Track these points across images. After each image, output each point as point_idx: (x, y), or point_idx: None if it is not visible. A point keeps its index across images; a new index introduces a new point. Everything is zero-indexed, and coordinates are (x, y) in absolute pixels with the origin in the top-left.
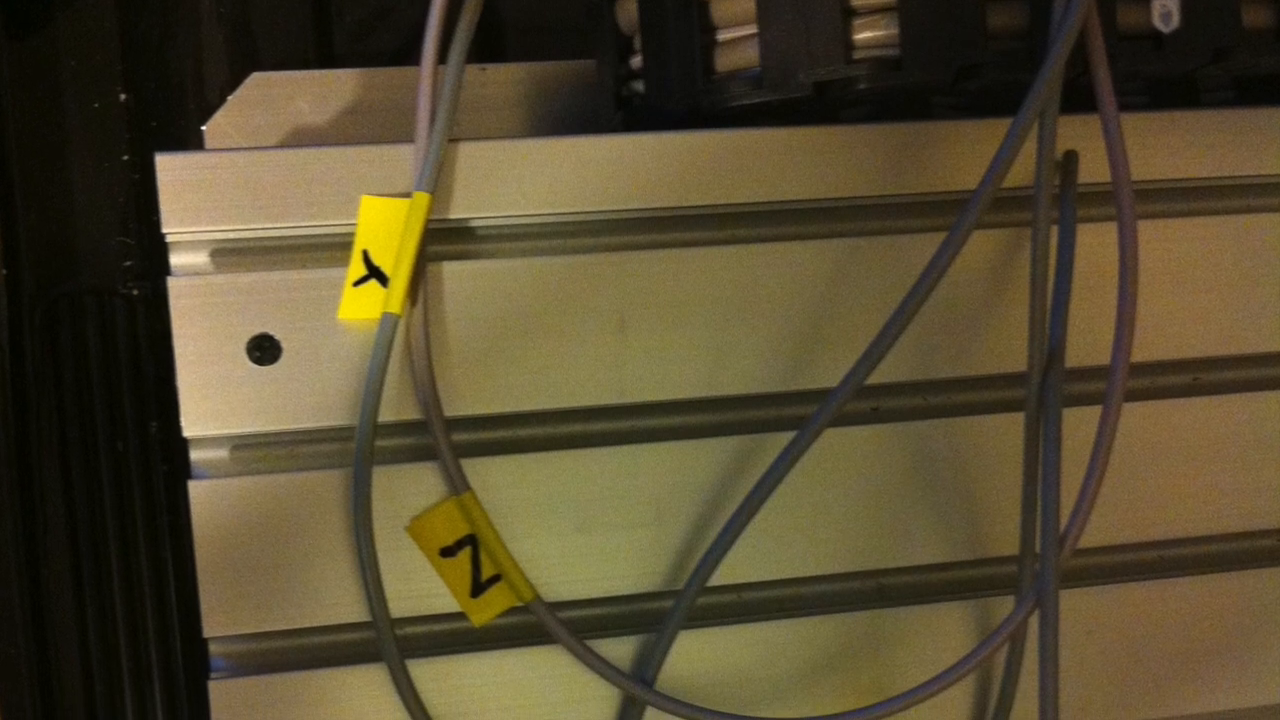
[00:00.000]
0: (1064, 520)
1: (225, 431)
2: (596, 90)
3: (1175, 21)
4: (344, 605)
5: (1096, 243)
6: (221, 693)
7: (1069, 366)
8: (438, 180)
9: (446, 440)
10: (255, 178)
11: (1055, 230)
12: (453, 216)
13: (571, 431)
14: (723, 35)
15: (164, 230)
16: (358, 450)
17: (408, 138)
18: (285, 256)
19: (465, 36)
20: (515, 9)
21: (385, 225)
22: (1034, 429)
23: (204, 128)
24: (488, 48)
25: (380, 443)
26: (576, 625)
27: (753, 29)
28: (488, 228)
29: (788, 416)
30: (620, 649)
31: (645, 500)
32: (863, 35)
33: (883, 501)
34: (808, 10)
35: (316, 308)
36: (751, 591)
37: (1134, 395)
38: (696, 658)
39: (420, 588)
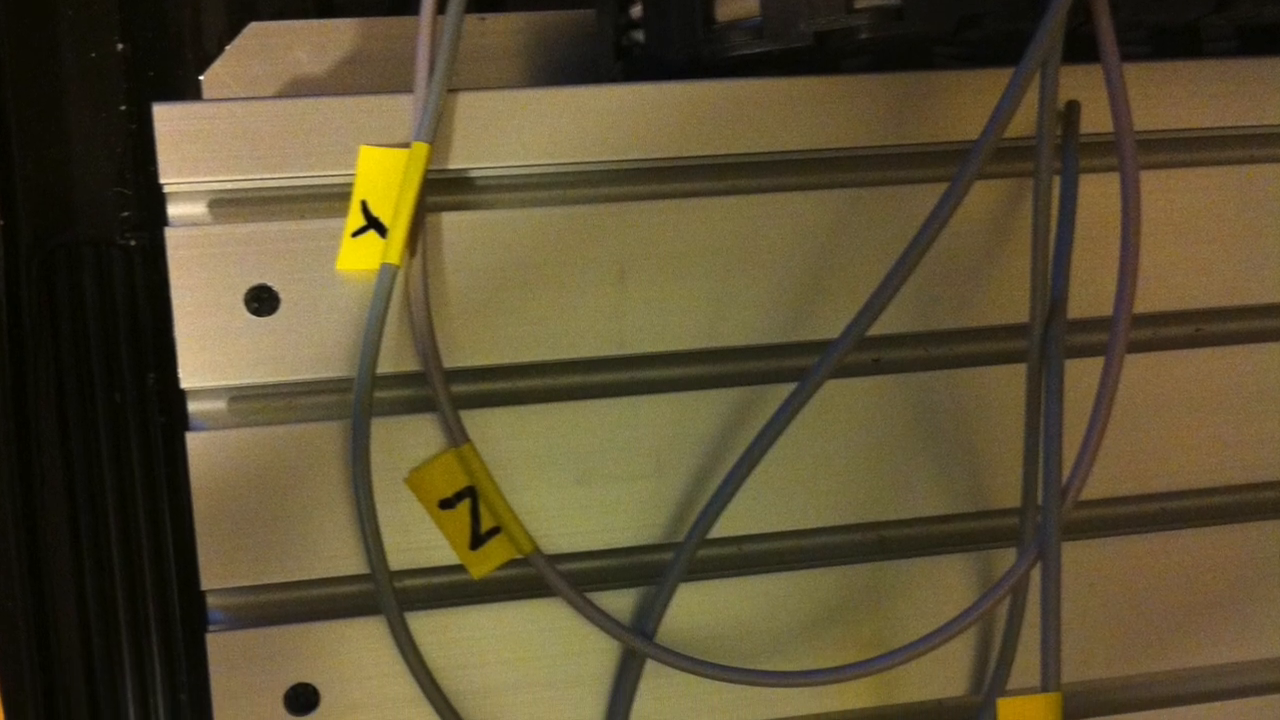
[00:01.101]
0: (1066, 472)
1: (223, 383)
2: (596, 40)
3: None
4: (342, 558)
5: (1099, 193)
6: (219, 645)
7: (1071, 318)
8: (437, 130)
9: (445, 392)
10: (253, 128)
11: (1057, 181)
12: (452, 167)
13: (571, 383)
14: None
15: (161, 181)
16: (356, 402)
17: (407, 88)
18: (283, 207)
19: None
20: None
21: (384, 176)
22: (1036, 380)
23: (202, 78)
24: None
25: (379, 394)
26: (576, 578)
27: None
28: (487, 178)
29: (788, 368)
30: (620, 601)
31: (645, 452)
32: None
33: (884, 453)
34: None
35: (315, 258)
36: (752, 544)
37: (1136, 346)
38: (697, 610)
39: (419, 540)
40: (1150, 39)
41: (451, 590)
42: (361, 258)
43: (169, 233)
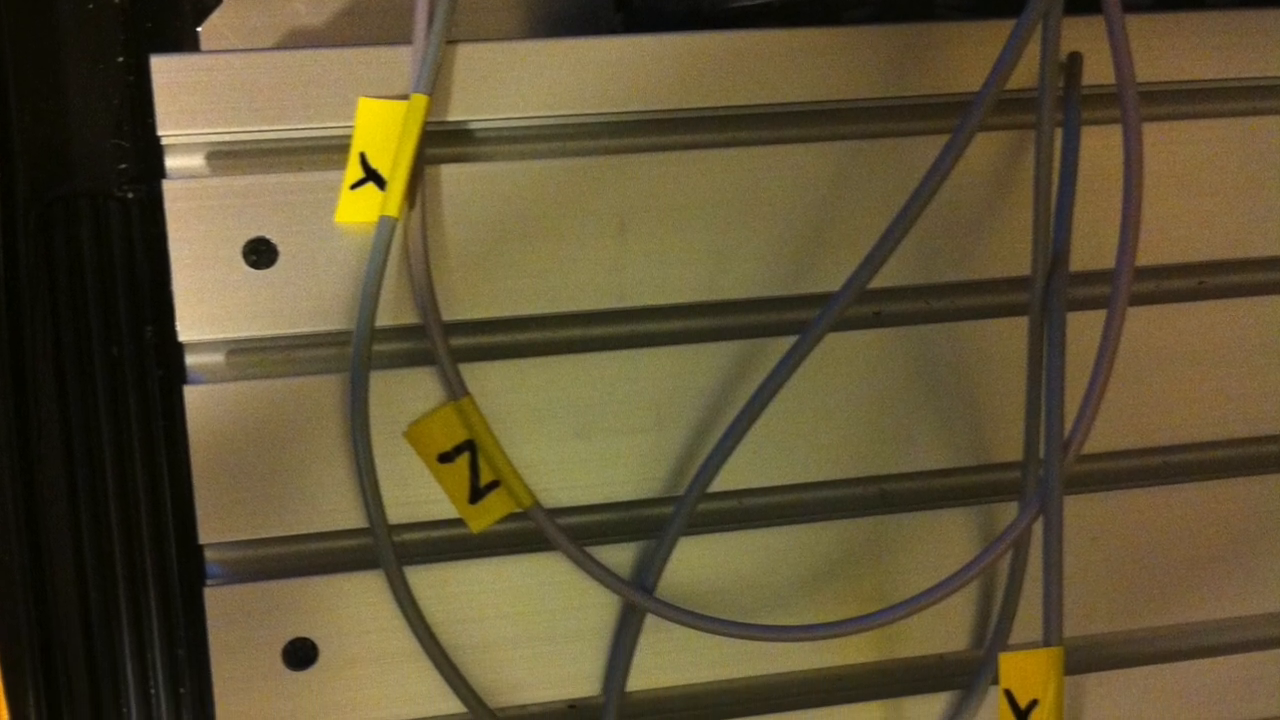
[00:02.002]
0: (1068, 425)
1: (221, 336)
2: None
3: None
4: (341, 511)
5: (1101, 145)
6: (217, 600)
7: (1073, 270)
8: (436, 82)
9: (444, 345)
10: (251, 80)
11: (1059, 133)
12: (451, 119)
13: (571, 336)
14: None
15: (159, 133)
16: (355, 355)
17: (405, 39)
18: (282, 159)
19: None
20: None
21: (383, 127)
22: (1038, 333)
23: (199, 29)
24: None
25: (377, 347)
26: (576, 531)
27: None
28: (486, 130)
29: (789, 321)
30: (620, 556)
31: (645, 405)
32: None
33: (885, 407)
34: None
35: (313, 211)
36: (753, 498)
37: (1139, 299)
38: (697, 565)
39: (418, 494)
40: None
41: (450, 544)
42: (360, 210)
43: (167, 185)
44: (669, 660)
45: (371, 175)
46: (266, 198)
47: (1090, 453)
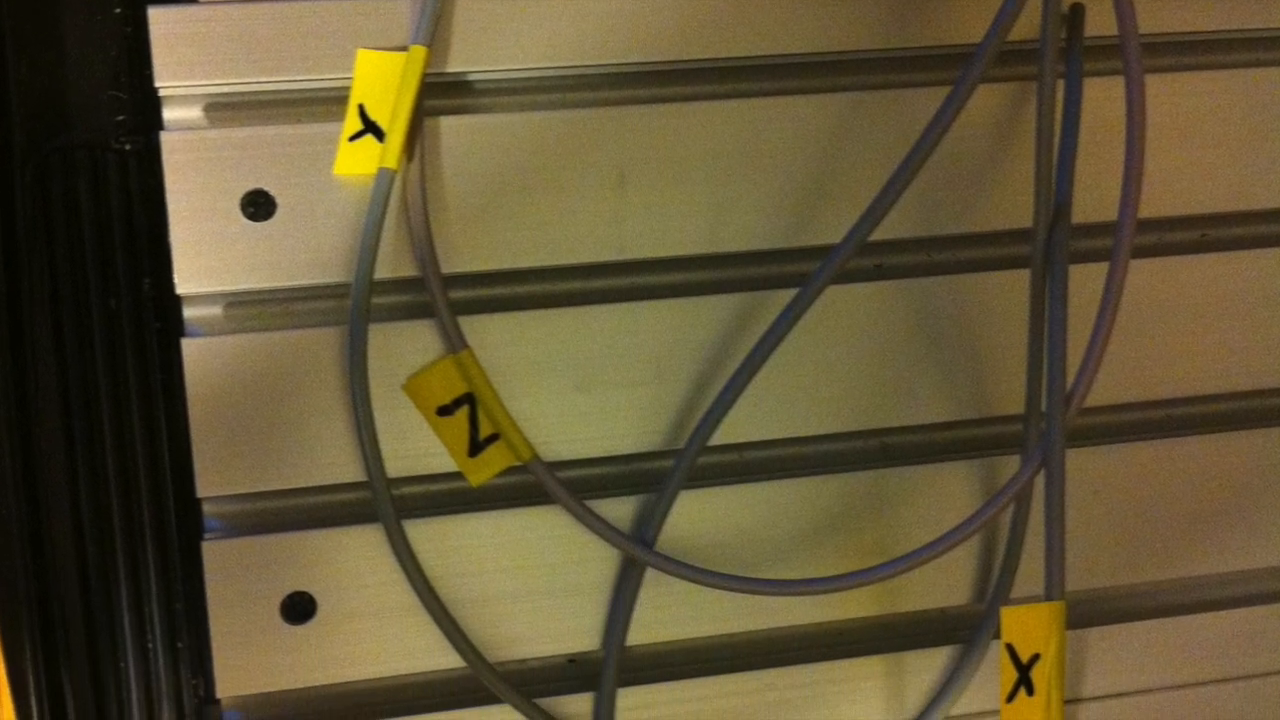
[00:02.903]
0: (1070, 378)
1: (219, 288)
2: None
3: None
4: (339, 465)
5: (1103, 97)
6: (215, 554)
7: (1075, 222)
8: (435, 33)
9: (444, 297)
10: (249, 31)
11: (1061, 85)
12: (450, 70)
13: (570, 288)
14: None
15: (157, 84)
16: (353, 307)
17: None
18: (280, 111)
19: None
20: None
21: (381, 79)
22: (1040, 286)
23: None
24: None
25: (376, 300)
26: (575, 485)
27: None
28: (485, 82)
29: (790, 273)
30: (620, 509)
31: (645, 358)
32: None
33: (886, 359)
34: None
35: (312, 163)
36: (753, 451)
37: (1141, 252)
38: (697, 518)
39: (417, 447)
40: None
41: (449, 498)
42: (359, 162)
43: (164, 137)
44: (669, 614)
45: (370, 127)
46: (265, 150)
47: (1092, 406)
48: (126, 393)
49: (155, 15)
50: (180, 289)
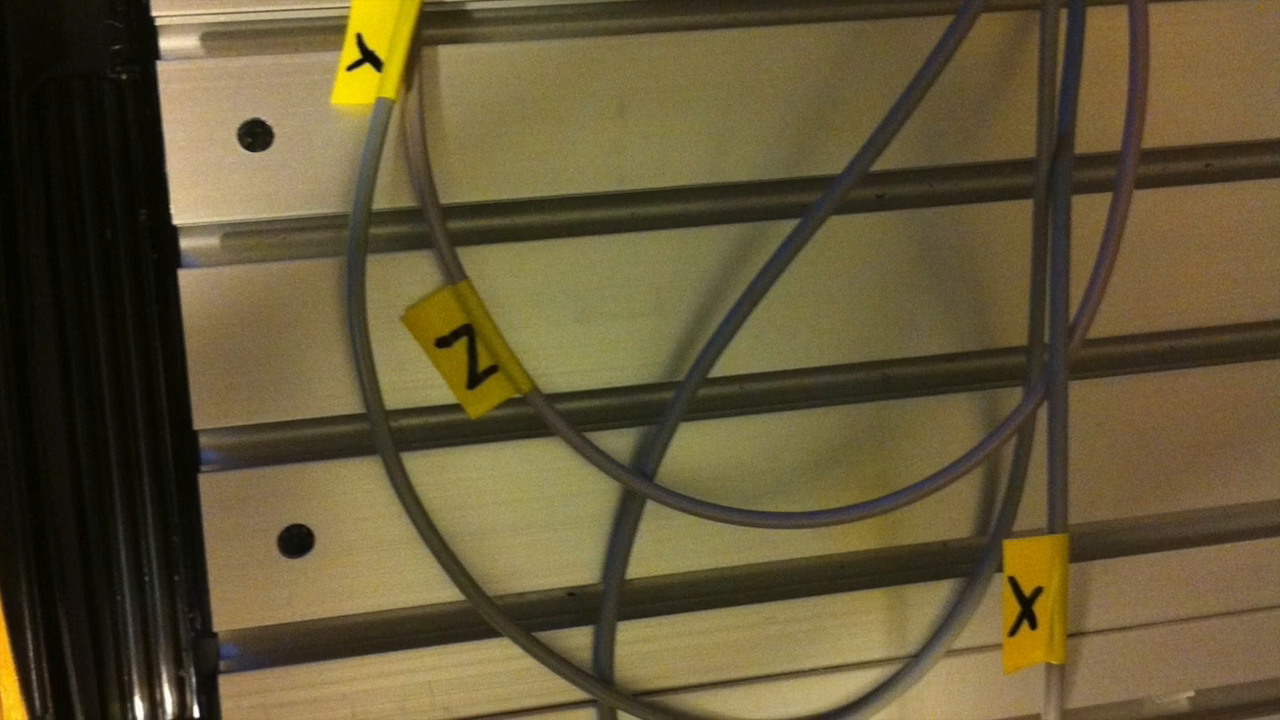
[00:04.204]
0: (1073, 310)
1: (216, 219)
2: None
3: None
4: (337, 397)
5: (1106, 26)
6: (212, 486)
7: (1078, 153)
8: None
9: (442, 228)
10: None
11: (1064, 13)
12: None
13: (570, 219)
14: None
15: (153, 13)
16: (351, 238)
17: None
18: (277, 40)
19: None
20: None
21: (379, 8)
22: (1043, 216)
23: None
24: None
25: (374, 231)
26: (575, 417)
27: None
28: (484, 10)
29: (791, 204)
30: (620, 441)
31: (645, 289)
32: None
33: (888, 291)
34: None
35: (309, 92)
36: (754, 383)
37: (1144, 182)
38: (698, 450)
39: (415, 379)
40: None
41: (448, 430)
42: (357, 92)
43: (161, 67)
44: (669, 547)
45: (368, 56)
46: (262, 79)
47: (1095, 337)
48: (123, 324)
49: None
50: (177, 220)
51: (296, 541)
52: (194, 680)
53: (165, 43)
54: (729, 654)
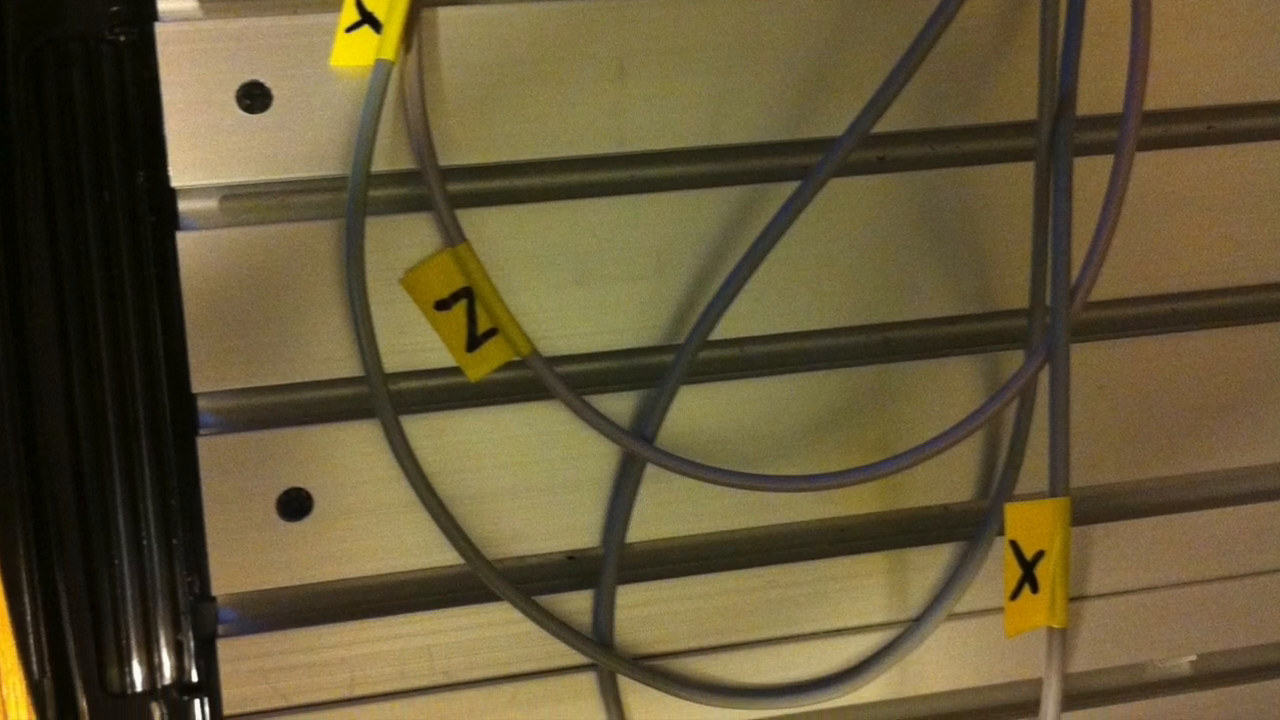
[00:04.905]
0: (1075, 272)
1: (214, 181)
2: None
3: None
4: (336, 360)
5: None
6: (210, 449)
7: (1080, 114)
8: None
9: (441, 190)
10: None
11: None
12: None
13: (570, 181)
14: None
15: None
16: (350, 200)
17: None
18: (276, 1)
19: None
20: None
21: None
22: (1044, 178)
23: None
24: None
25: (373, 193)
26: (575, 380)
27: None
28: None
29: (792, 166)
30: (620, 404)
31: (645, 252)
32: None
33: (889, 253)
34: None
35: (308, 54)
36: (754, 346)
37: (1147, 144)
38: (698, 413)
39: (414, 342)
40: None
41: (448, 393)
42: (356, 53)
43: (159, 28)
44: (669, 511)
45: (367, 18)
46: (261, 40)
47: (1097, 300)
48: (121, 287)
49: None
50: (175, 182)
51: (295, 505)
52: (192, 644)
53: (163, 4)
54: (729, 618)
